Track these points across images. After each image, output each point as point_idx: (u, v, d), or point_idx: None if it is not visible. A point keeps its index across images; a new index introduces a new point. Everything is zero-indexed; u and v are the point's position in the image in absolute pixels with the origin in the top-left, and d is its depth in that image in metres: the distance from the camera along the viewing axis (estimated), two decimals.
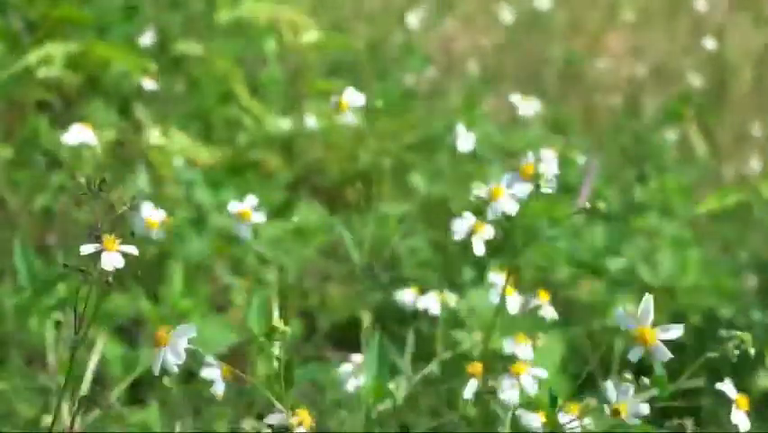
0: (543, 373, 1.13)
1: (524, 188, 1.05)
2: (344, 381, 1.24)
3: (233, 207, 1.30)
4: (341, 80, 2.47)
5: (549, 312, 1.24)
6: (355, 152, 2.23)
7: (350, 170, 2.21)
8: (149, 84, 2.04)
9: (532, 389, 1.11)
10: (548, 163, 1.06)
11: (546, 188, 1.04)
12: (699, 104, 3.03)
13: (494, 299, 1.18)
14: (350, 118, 1.21)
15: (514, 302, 1.20)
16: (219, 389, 1.05)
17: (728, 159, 2.94)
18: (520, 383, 1.11)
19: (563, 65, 3.24)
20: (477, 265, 1.75)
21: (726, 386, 1.04)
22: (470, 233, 1.13)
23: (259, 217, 1.30)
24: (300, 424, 0.94)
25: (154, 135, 1.78)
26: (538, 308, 1.23)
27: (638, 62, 3.40)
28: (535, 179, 1.05)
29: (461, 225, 1.13)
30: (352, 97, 1.25)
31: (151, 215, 1.30)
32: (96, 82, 2.04)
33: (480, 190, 1.10)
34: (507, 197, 1.09)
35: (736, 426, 1.01)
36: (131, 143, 1.83)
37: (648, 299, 0.91)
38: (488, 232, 1.14)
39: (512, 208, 1.08)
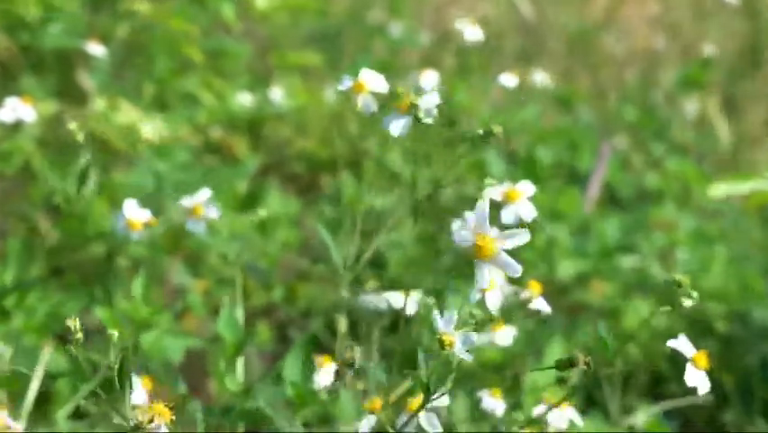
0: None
1: (402, 123, 1.04)
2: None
3: (185, 201, 1.31)
4: (317, 52, 2.47)
5: (541, 305, 1.24)
6: (332, 135, 2.23)
7: (326, 156, 2.21)
8: (94, 48, 2.02)
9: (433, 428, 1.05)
10: (428, 94, 1.05)
11: (426, 119, 1.04)
12: (726, 77, 3.03)
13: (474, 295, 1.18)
14: (368, 103, 1.12)
15: (494, 297, 1.18)
16: None
17: (758, 140, 2.94)
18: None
19: (573, 36, 3.24)
20: (470, 263, 1.74)
21: (681, 342, 1.01)
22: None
23: (213, 212, 1.30)
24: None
25: (99, 106, 1.77)
26: (528, 301, 1.23)
27: (656, 33, 3.39)
28: (413, 110, 1.04)
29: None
30: (372, 78, 1.14)
31: (134, 214, 1.30)
32: (33, 47, 2.03)
33: (492, 191, 1.09)
34: (525, 200, 1.09)
35: (693, 388, 0.99)
36: (73, 116, 1.82)
37: (483, 204, 0.87)
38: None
39: (530, 213, 1.09)
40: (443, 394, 0.99)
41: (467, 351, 0.92)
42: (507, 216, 1.11)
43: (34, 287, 1.40)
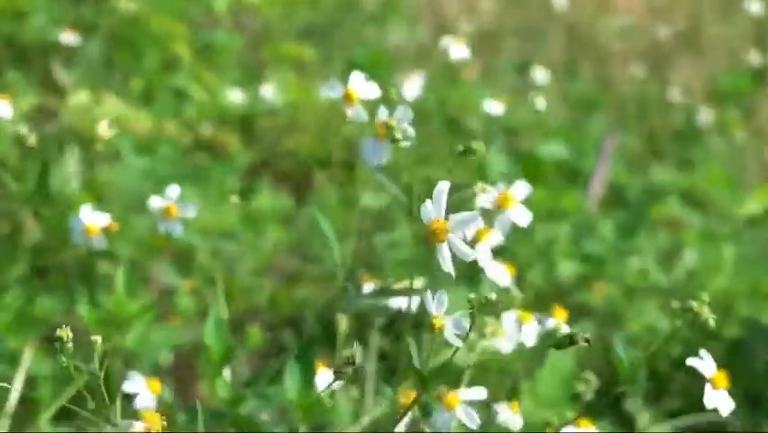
0: (481, 394, 1.09)
1: (383, 150, 1.03)
2: None
3: (155, 202, 1.25)
4: (310, 44, 2.47)
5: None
6: (326, 131, 2.23)
7: (320, 153, 2.21)
8: (69, 37, 2.02)
9: (473, 423, 1.05)
10: (400, 112, 1.03)
11: (404, 142, 1.02)
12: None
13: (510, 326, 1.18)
14: (360, 114, 1.09)
15: (530, 331, 1.18)
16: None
17: None
18: (457, 417, 1.06)
19: (572, 27, 3.24)
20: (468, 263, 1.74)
21: (697, 361, 0.98)
22: (474, 239, 1.11)
23: (190, 211, 1.25)
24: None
25: (80, 99, 1.76)
26: (556, 330, 1.23)
27: (661, 24, 3.39)
28: (390, 133, 1.02)
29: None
30: (363, 87, 1.10)
31: (91, 219, 1.26)
32: (16, 40, 2.04)
33: (484, 196, 1.08)
34: (519, 205, 1.08)
35: (714, 409, 0.96)
36: (54, 111, 1.83)
37: (439, 189, 0.87)
38: (495, 238, 1.11)
39: (525, 220, 1.08)
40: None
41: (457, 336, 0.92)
42: (500, 224, 1.09)
43: (17, 288, 1.40)
